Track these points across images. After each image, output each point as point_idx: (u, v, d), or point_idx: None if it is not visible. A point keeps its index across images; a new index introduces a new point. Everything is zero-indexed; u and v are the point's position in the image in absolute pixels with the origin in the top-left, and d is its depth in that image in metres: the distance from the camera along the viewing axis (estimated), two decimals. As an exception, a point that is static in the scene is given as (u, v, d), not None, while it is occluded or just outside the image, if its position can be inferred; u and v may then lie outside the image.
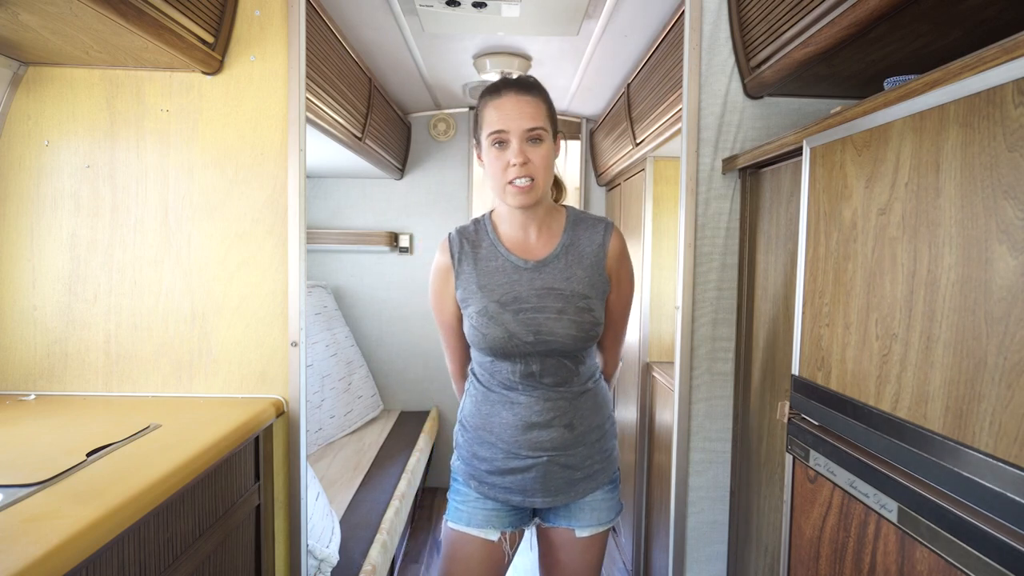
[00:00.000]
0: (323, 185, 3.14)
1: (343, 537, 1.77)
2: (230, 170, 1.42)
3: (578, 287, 1.15)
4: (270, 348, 1.43)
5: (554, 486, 1.17)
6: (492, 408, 1.18)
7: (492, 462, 1.18)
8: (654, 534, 2.10)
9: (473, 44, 2.16)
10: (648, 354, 2.24)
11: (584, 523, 1.20)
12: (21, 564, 0.67)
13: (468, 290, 1.17)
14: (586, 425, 1.18)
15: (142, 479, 0.91)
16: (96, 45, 1.24)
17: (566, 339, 1.12)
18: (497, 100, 1.12)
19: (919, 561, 0.77)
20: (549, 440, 1.15)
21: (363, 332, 3.17)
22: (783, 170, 1.31)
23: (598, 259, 1.17)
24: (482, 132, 1.14)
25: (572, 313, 1.12)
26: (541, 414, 1.15)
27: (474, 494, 1.21)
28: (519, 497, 1.17)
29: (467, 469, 1.22)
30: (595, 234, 1.19)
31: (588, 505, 1.20)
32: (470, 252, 1.19)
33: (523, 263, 1.16)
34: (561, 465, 1.16)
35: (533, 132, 1.10)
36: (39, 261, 1.40)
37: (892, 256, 0.84)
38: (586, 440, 1.18)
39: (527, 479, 1.16)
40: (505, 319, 1.12)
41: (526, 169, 1.09)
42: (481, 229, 1.22)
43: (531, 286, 1.14)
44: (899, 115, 0.83)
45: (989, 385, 0.67)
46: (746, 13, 1.40)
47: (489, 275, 1.16)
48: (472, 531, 1.19)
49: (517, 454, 1.15)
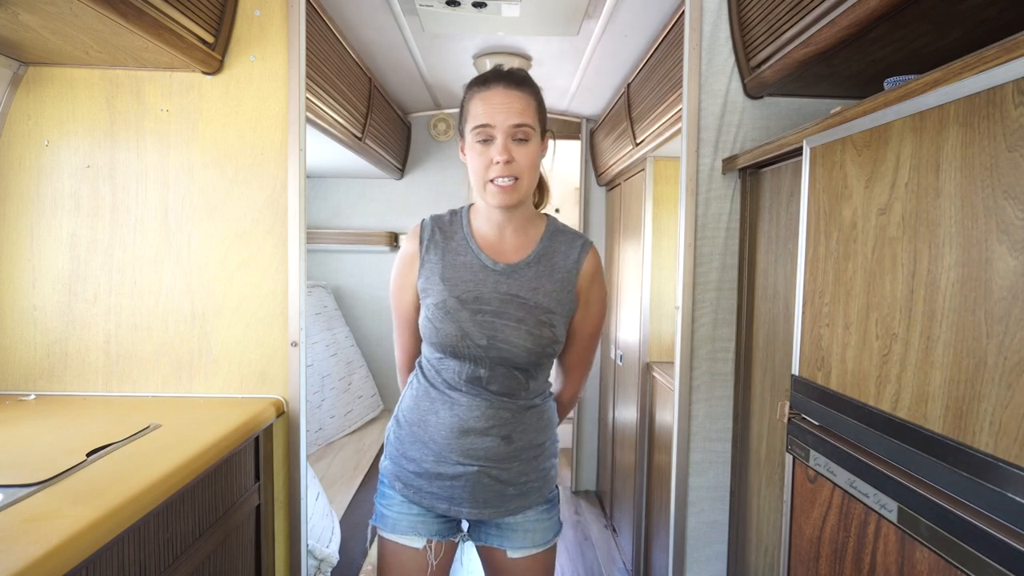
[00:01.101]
0: (323, 185, 3.14)
1: (343, 537, 1.77)
2: (230, 170, 1.42)
3: (543, 300, 1.09)
4: (270, 348, 1.43)
5: (483, 498, 1.10)
6: (431, 405, 1.12)
7: (421, 463, 1.12)
8: (654, 534, 2.10)
9: (473, 44, 2.15)
10: (648, 354, 2.24)
11: (516, 544, 1.13)
12: (21, 564, 0.67)
13: (430, 280, 1.11)
14: (525, 441, 1.12)
15: (142, 479, 0.91)
16: (96, 45, 1.24)
17: (520, 350, 1.07)
18: (484, 92, 1.06)
19: (919, 561, 0.77)
20: (483, 449, 1.09)
21: (363, 332, 3.16)
22: (783, 170, 1.31)
23: (569, 276, 1.12)
24: (466, 125, 1.08)
25: (531, 325, 1.07)
26: (480, 420, 1.09)
27: (399, 497, 1.15)
28: (445, 505, 1.11)
29: (394, 469, 1.16)
30: (571, 250, 1.14)
31: (520, 526, 1.14)
32: (440, 242, 1.13)
33: (492, 264, 1.11)
34: (493, 477, 1.10)
35: (520, 129, 1.04)
36: (39, 261, 1.40)
37: (892, 256, 0.84)
38: (523, 456, 1.12)
39: (455, 487, 1.10)
40: (461, 317, 1.07)
41: (510, 168, 1.03)
42: (456, 221, 1.16)
43: (495, 289, 1.09)
44: (899, 115, 0.83)
45: (989, 385, 0.67)
46: (746, 13, 1.40)
47: (455, 269, 1.11)
48: (397, 538, 1.13)
49: (448, 459, 1.10)
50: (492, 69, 1.11)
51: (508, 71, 1.09)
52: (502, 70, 1.09)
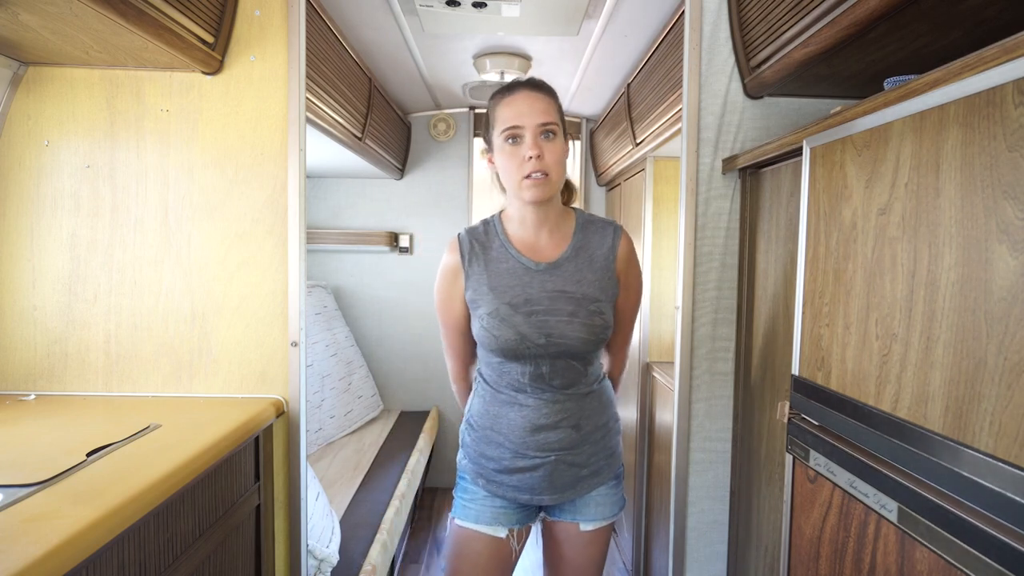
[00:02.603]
0: (323, 185, 3.14)
1: (343, 537, 1.77)
2: (230, 170, 1.42)
3: (589, 290, 1.15)
4: (270, 348, 1.43)
5: (561, 484, 1.18)
6: (500, 409, 1.18)
7: (500, 461, 1.18)
8: (654, 534, 2.10)
9: (473, 44, 2.16)
10: (648, 354, 2.24)
11: (588, 517, 1.21)
12: (21, 564, 0.67)
13: (479, 291, 1.17)
14: (592, 424, 1.19)
15: (142, 479, 0.91)
16: (96, 45, 1.24)
17: (576, 342, 1.12)
18: (510, 97, 1.13)
19: (919, 561, 0.77)
20: (557, 441, 1.16)
21: (363, 332, 3.16)
22: (783, 170, 1.31)
23: (608, 262, 1.18)
24: (494, 131, 1.14)
25: (583, 316, 1.13)
26: (549, 416, 1.15)
27: (482, 492, 1.21)
28: (527, 495, 1.18)
29: (474, 467, 1.22)
30: (605, 237, 1.20)
31: (592, 500, 1.22)
32: (480, 253, 1.19)
33: (534, 265, 1.16)
34: (568, 464, 1.17)
35: (547, 127, 1.11)
36: (39, 261, 1.40)
37: (892, 256, 0.84)
38: (591, 439, 1.19)
39: (535, 478, 1.17)
40: (516, 321, 1.13)
41: (541, 163, 1.09)
42: (491, 230, 1.22)
43: (542, 288, 1.14)
44: (899, 115, 0.83)
45: (989, 385, 0.67)
46: (746, 13, 1.40)
47: (500, 276, 1.16)
48: (480, 528, 1.19)
49: (525, 454, 1.16)
50: (513, 80, 1.18)
51: (528, 79, 1.17)
52: (522, 79, 1.17)
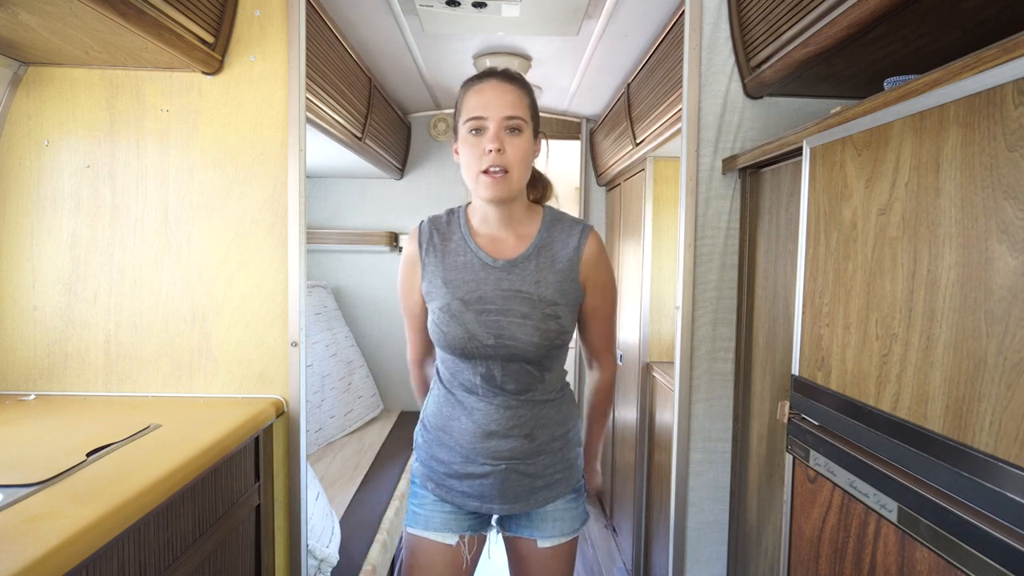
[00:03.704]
0: (323, 185, 3.14)
1: (343, 537, 1.77)
2: (230, 170, 1.42)
3: (546, 292, 1.09)
4: (270, 348, 1.43)
5: (512, 494, 1.13)
6: (452, 411, 1.15)
7: (450, 465, 1.14)
8: (654, 534, 2.10)
9: (473, 44, 2.15)
10: (648, 354, 2.24)
11: (546, 533, 1.16)
12: (21, 564, 0.67)
13: (433, 284, 1.13)
14: (548, 435, 1.14)
15: (142, 479, 0.91)
16: (96, 45, 1.24)
17: (528, 345, 1.07)
18: (479, 86, 1.08)
19: (919, 561, 0.77)
20: (508, 449, 1.11)
21: (363, 332, 3.16)
22: (783, 170, 1.31)
23: (571, 264, 1.11)
24: (459, 119, 1.09)
25: (537, 319, 1.07)
26: (500, 423, 1.11)
27: (431, 496, 1.17)
28: (476, 502, 1.14)
29: (425, 471, 1.19)
30: (570, 237, 1.13)
31: (550, 515, 1.17)
32: (439, 244, 1.14)
33: (492, 261, 1.11)
34: (520, 473, 1.12)
35: (512, 121, 1.05)
36: (39, 261, 1.40)
37: (892, 256, 0.84)
38: (547, 449, 1.14)
39: (485, 485, 1.12)
40: (467, 319, 1.08)
41: (501, 158, 1.03)
42: (454, 221, 1.17)
43: (497, 287, 1.09)
44: (899, 115, 0.83)
45: (989, 385, 0.67)
46: (746, 13, 1.40)
47: (456, 270, 1.11)
48: (430, 535, 1.16)
49: (475, 460, 1.12)
50: (487, 69, 1.13)
51: (502, 70, 1.12)
52: (496, 69, 1.12)
